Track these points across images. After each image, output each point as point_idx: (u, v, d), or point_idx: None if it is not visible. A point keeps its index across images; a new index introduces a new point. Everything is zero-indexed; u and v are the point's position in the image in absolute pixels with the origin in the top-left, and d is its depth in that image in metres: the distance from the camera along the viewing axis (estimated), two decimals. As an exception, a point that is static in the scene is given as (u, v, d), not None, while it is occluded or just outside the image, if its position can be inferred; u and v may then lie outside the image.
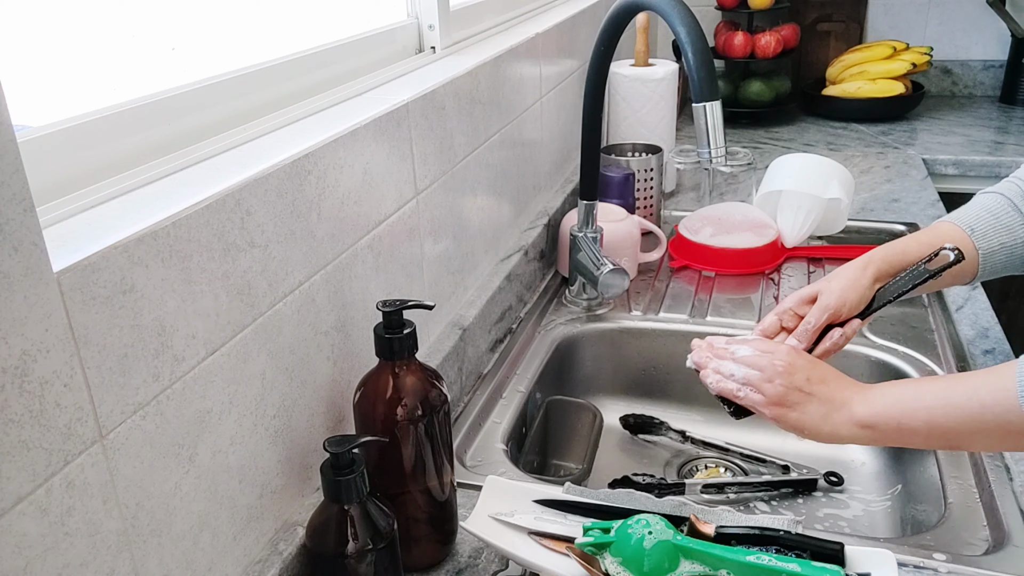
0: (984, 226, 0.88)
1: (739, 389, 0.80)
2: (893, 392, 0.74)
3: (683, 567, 0.65)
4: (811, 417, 0.76)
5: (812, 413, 0.76)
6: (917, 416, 0.70)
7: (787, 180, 1.37)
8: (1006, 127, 2.00)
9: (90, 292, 0.48)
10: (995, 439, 0.68)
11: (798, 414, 0.76)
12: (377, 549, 0.63)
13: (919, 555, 0.75)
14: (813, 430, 0.76)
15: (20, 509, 0.45)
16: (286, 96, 0.79)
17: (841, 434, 0.75)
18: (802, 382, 0.76)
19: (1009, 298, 1.72)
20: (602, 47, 1.07)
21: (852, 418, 0.74)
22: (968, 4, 2.19)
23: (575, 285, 1.25)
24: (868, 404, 0.73)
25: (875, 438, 0.74)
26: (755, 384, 0.79)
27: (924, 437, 0.71)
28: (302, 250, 0.69)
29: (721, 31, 2.15)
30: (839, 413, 0.75)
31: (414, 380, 0.70)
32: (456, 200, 0.99)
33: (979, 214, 0.88)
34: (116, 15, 0.65)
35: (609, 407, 1.19)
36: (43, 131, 0.54)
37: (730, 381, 0.81)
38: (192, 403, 0.57)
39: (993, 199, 0.89)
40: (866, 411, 0.73)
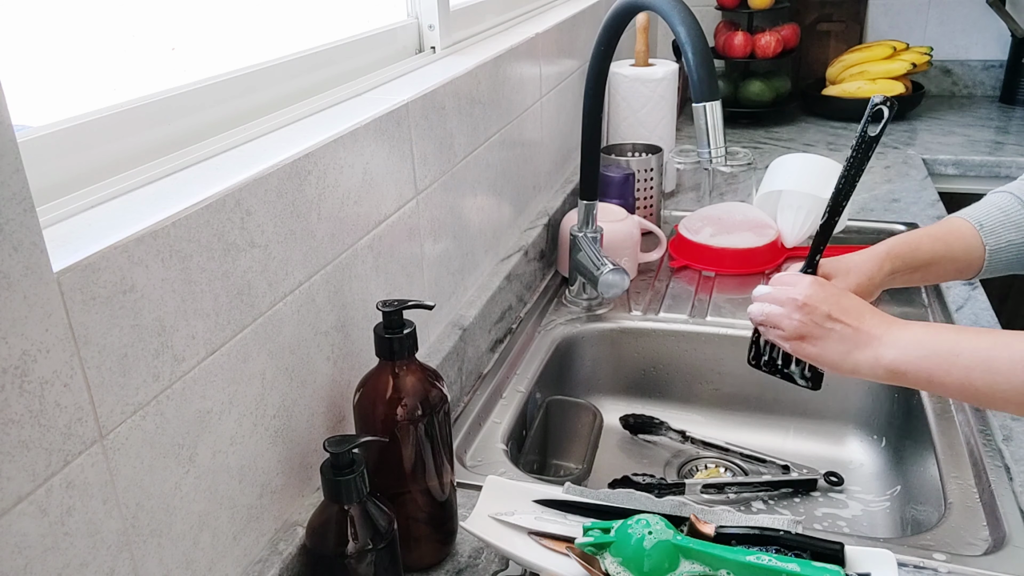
0: (993, 222, 0.87)
1: (763, 327, 0.80)
2: (927, 340, 0.70)
3: (683, 567, 0.65)
4: (831, 352, 0.74)
5: (832, 348, 0.74)
6: (952, 373, 0.68)
7: (787, 180, 1.37)
8: (1006, 127, 2.00)
9: (90, 292, 0.48)
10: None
11: (818, 348, 0.75)
12: (377, 549, 0.63)
13: (919, 555, 0.75)
14: (832, 365, 0.75)
15: (20, 509, 0.45)
16: (286, 96, 0.79)
17: (863, 372, 0.73)
18: (822, 316, 0.74)
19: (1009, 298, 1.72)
20: (602, 47, 1.07)
21: (878, 359, 0.71)
22: (968, 4, 2.19)
23: (575, 285, 1.25)
24: (898, 348, 0.71)
25: (899, 381, 0.72)
26: (775, 319, 0.78)
27: (954, 392, 0.69)
28: (302, 250, 0.69)
29: (721, 31, 2.15)
30: (862, 351, 0.72)
31: (414, 380, 0.70)
32: (456, 200, 0.99)
33: (989, 211, 0.88)
34: (116, 15, 0.65)
35: (609, 407, 1.19)
36: (43, 131, 0.54)
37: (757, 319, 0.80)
38: (192, 403, 0.57)
39: (1003, 197, 0.89)
40: (895, 355, 0.71)
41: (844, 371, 0.74)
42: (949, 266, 0.87)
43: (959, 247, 0.87)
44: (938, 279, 0.89)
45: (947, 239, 0.87)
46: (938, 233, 0.88)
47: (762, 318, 0.80)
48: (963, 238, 0.87)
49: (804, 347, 0.76)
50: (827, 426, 1.13)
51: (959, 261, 0.87)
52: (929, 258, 0.86)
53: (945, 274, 0.88)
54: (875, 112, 0.78)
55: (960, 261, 0.87)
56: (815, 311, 0.75)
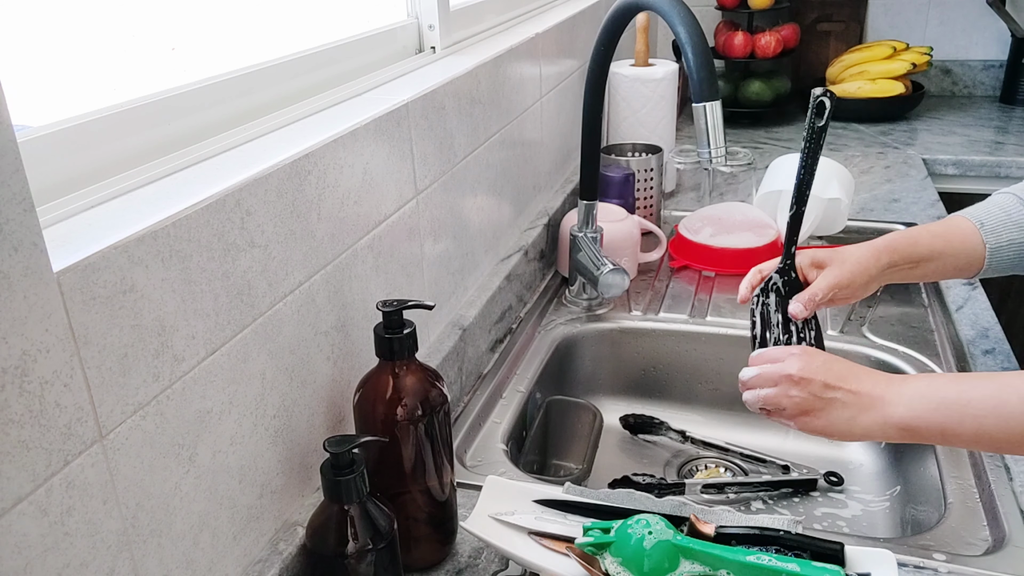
0: (994, 222, 0.87)
1: (763, 412, 0.78)
2: (933, 392, 0.69)
3: (683, 567, 0.65)
4: (837, 422, 0.72)
5: (838, 417, 0.72)
6: (964, 424, 0.66)
7: (787, 180, 1.37)
8: (1006, 127, 2.00)
9: (90, 292, 0.48)
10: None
11: (823, 421, 0.73)
12: (377, 549, 0.63)
13: (919, 555, 0.75)
14: (842, 435, 0.73)
15: (20, 509, 0.45)
16: (286, 96, 0.79)
17: (873, 435, 0.72)
18: (820, 387, 0.73)
19: (1009, 298, 1.72)
20: (602, 47, 1.07)
21: (887, 420, 0.70)
22: (968, 4, 2.19)
23: (575, 285, 1.25)
24: (904, 405, 0.69)
25: (913, 439, 0.70)
26: (774, 402, 0.76)
27: (968, 443, 0.68)
28: (302, 250, 0.69)
29: (721, 31, 2.15)
30: (869, 414, 0.71)
31: (414, 380, 0.70)
32: (456, 200, 0.99)
33: (991, 210, 0.88)
34: (116, 15, 0.65)
35: (609, 407, 1.19)
36: (43, 131, 0.54)
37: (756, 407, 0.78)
38: (192, 403, 0.57)
39: (1006, 198, 0.89)
40: (903, 412, 0.69)
41: (855, 437, 0.73)
42: (949, 263, 0.87)
43: (959, 244, 0.87)
44: (938, 276, 0.89)
45: (947, 236, 0.87)
46: (938, 230, 0.88)
47: (760, 404, 0.77)
48: (963, 236, 0.87)
49: (811, 422, 0.74)
50: (827, 426, 1.13)
51: (959, 258, 0.87)
52: (928, 253, 0.86)
53: (945, 271, 0.88)
54: (818, 104, 0.82)
55: (960, 258, 0.87)
56: (811, 383, 0.73)
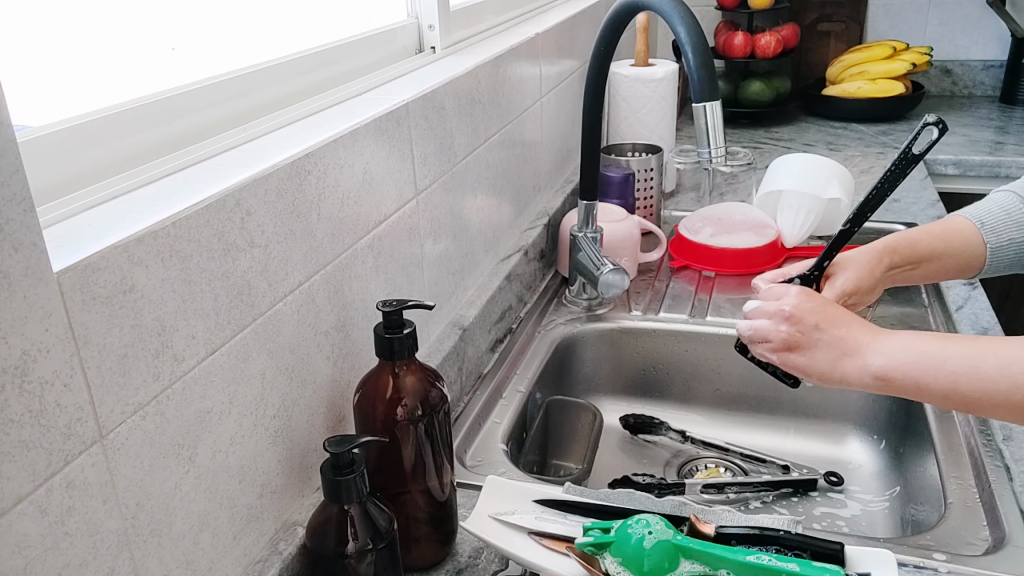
0: (994, 220, 0.87)
1: (752, 343, 0.80)
2: (914, 347, 0.70)
3: (683, 567, 0.65)
4: (819, 362, 0.74)
5: (820, 358, 0.74)
6: (939, 380, 0.68)
7: (787, 180, 1.37)
8: (1006, 127, 2.00)
9: (90, 292, 0.48)
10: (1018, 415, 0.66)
11: (806, 359, 0.75)
12: (377, 549, 0.63)
13: (919, 555, 0.75)
14: (820, 375, 0.74)
15: (20, 509, 0.45)
16: (286, 96, 0.79)
17: (851, 381, 0.73)
18: (809, 326, 0.74)
19: (1009, 298, 1.72)
20: (602, 47, 1.07)
21: (866, 367, 0.71)
22: (968, 4, 2.19)
23: (575, 285, 1.25)
24: (886, 355, 0.71)
25: (887, 389, 0.72)
26: (763, 332, 0.77)
27: (940, 399, 0.69)
28: (302, 250, 0.69)
29: (721, 31, 2.15)
30: (851, 359, 0.72)
31: (414, 380, 0.70)
32: (456, 200, 0.99)
33: (991, 209, 0.88)
34: (116, 15, 0.65)
35: (609, 407, 1.19)
36: (43, 131, 0.54)
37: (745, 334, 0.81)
38: (192, 403, 0.57)
39: (1006, 196, 0.89)
40: (883, 362, 0.70)
41: (833, 381, 0.74)
42: (950, 263, 0.87)
43: (959, 244, 0.86)
44: (940, 277, 0.89)
45: (946, 236, 0.86)
46: (937, 230, 0.88)
47: (750, 333, 0.80)
48: (963, 235, 0.86)
49: (792, 358, 0.76)
50: (827, 426, 1.13)
51: (959, 258, 0.87)
52: (928, 253, 0.86)
53: (946, 272, 0.88)
54: (925, 130, 0.78)
55: (961, 258, 0.86)
56: (802, 321, 0.75)
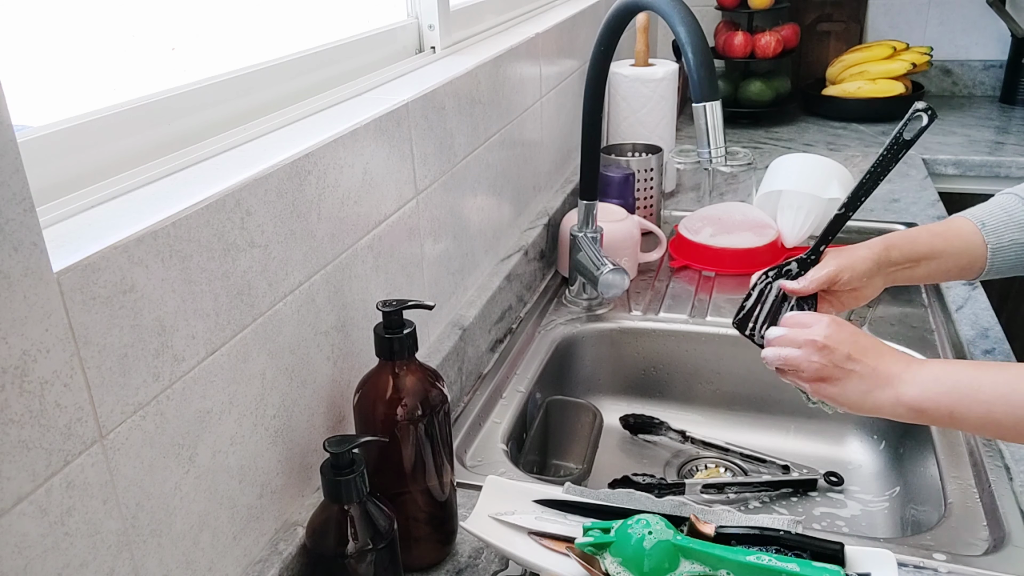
0: (996, 222, 0.87)
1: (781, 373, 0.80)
2: (947, 376, 0.70)
3: (683, 567, 0.65)
4: (851, 393, 0.74)
5: (853, 388, 0.74)
6: (973, 409, 0.68)
7: (787, 180, 1.37)
8: (1006, 127, 2.00)
9: (90, 292, 0.48)
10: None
11: (838, 389, 0.75)
12: (377, 549, 0.63)
13: (919, 555, 0.75)
14: (852, 405, 0.75)
15: (20, 509, 0.45)
16: (286, 96, 0.79)
17: (883, 411, 0.73)
18: (842, 358, 0.74)
19: (1009, 298, 1.72)
20: (602, 47, 1.07)
21: (899, 398, 0.71)
22: (968, 4, 2.19)
23: (575, 285, 1.25)
24: (918, 386, 0.71)
25: (922, 420, 0.72)
26: (794, 362, 0.77)
27: (976, 427, 0.69)
28: (302, 250, 0.69)
29: (721, 31, 2.15)
30: (883, 391, 0.72)
31: (414, 380, 0.70)
32: (456, 200, 0.99)
33: (992, 211, 0.88)
34: (116, 15, 0.65)
35: (609, 407, 1.19)
36: (43, 131, 0.54)
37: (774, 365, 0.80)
38: (192, 403, 0.57)
39: (1009, 198, 0.89)
40: (916, 393, 0.70)
41: (865, 411, 0.74)
42: (950, 262, 0.87)
43: (960, 244, 0.86)
44: (940, 277, 0.89)
45: (947, 235, 0.86)
46: (939, 229, 0.88)
47: (780, 363, 0.79)
48: (965, 236, 0.86)
49: (825, 388, 0.76)
50: (827, 426, 1.13)
51: (960, 258, 0.86)
52: (928, 251, 0.86)
53: (947, 271, 0.88)
54: (915, 118, 0.79)
55: (962, 258, 0.86)
56: (835, 352, 0.74)
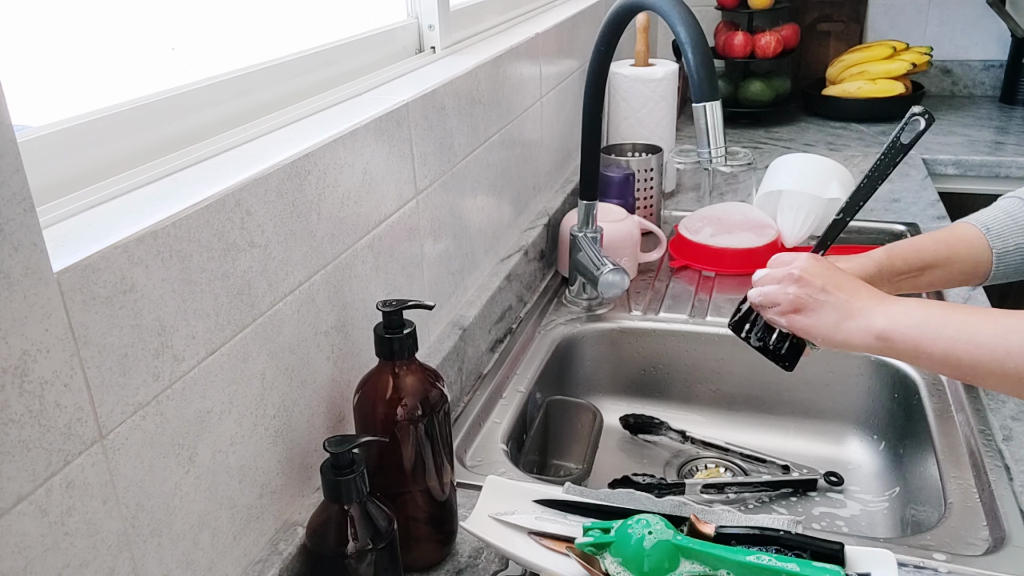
0: (1000, 226, 0.87)
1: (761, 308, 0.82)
2: (917, 311, 0.72)
3: (683, 567, 0.65)
4: (824, 323, 0.76)
5: (825, 319, 0.76)
6: (937, 344, 0.69)
7: (787, 180, 1.37)
8: (1006, 127, 2.00)
9: (90, 292, 0.48)
10: (1010, 384, 0.67)
11: (812, 320, 0.77)
12: (377, 549, 0.63)
13: (919, 555, 0.75)
14: (825, 336, 0.76)
15: (20, 509, 0.45)
16: (286, 96, 0.79)
17: (854, 342, 0.74)
18: (817, 288, 0.76)
19: (1009, 298, 1.72)
20: (602, 47, 1.07)
21: (869, 327, 0.73)
22: (968, 4, 2.19)
23: (575, 285, 1.25)
24: (888, 317, 0.72)
25: (887, 351, 0.73)
26: (772, 296, 0.79)
27: (938, 364, 0.71)
28: (302, 250, 0.69)
29: (721, 31, 2.15)
30: (854, 320, 0.74)
31: (414, 380, 0.70)
32: (456, 200, 0.99)
33: (996, 215, 0.88)
34: (116, 15, 0.65)
35: (609, 407, 1.19)
36: (43, 131, 0.54)
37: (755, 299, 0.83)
38: (192, 403, 0.57)
39: (1012, 202, 0.89)
40: (885, 323, 0.72)
41: (836, 342, 0.76)
42: (955, 268, 0.87)
43: (965, 250, 0.86)
44: (946, 284, 0.89)
45: (951, 241, 0.87)
46: (942, 236, 0.88)
47: (760, 299, 0.82)
48: (968, 241, 0.86)
49: (798, 319, 0.78)
50: (827, 426, 1.13)
51: (965, 263, 0.86)
52: (932, 259, 0.86)
53: (952, 278, 0.88)
54: (912, 122, 0.80)
55: (966, 263, 0.86)
56: (810, 284, 0.77)
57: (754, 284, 0.84)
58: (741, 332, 0.87)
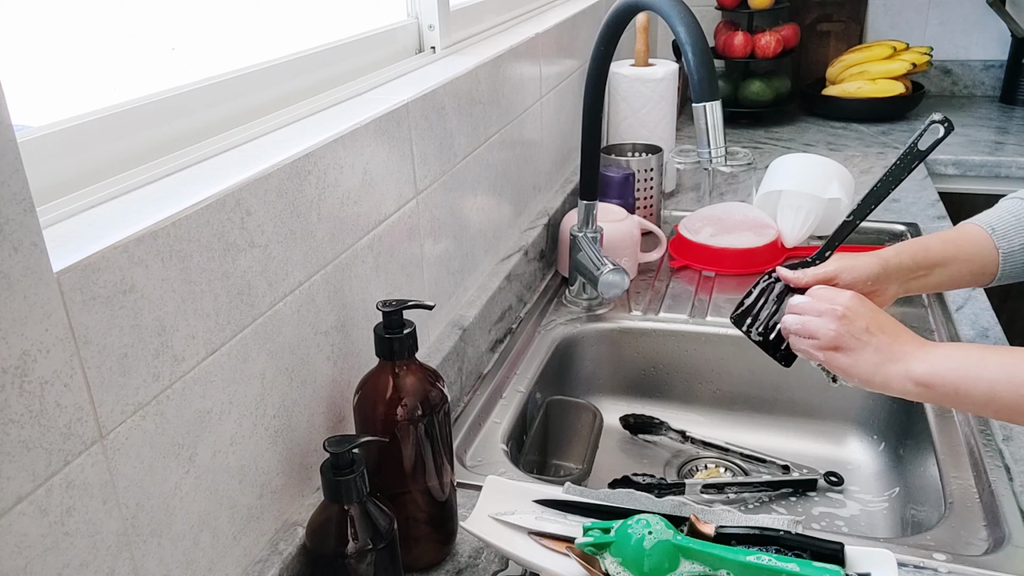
0: (1005, 227, 0.87)
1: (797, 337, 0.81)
2: (956, 354, 0.72)
3: (683, 567, 0.65)
4: (864, 364, 0.75)
5: (865, 360, 0.75)
6: (978, 386, 0.69)
7: (787, 180, 1.37)
8: (1006, 127, 2.00)
9: (90, 292, 0.48)
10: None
11: (851, 360, 0.76)
12: (377, 549, 0.63)
13: (919, 555, 0.75)
14: (863, 378, 0.76)
15: (20, 509, 0.45)
16: (286, 96, 0.79)
17: (892, 387, 0.74)
18: (860, 329, 0.75)
19: (1009, 298, 1.72)
20: (602, 47, 1.07)
21: (908, 373, 0.73)
22: (968, 4, 2.19)
23: (575, 285, 1.25)
24: (928, 363, 0.72)
25: (926, 396, 0.73)
26: (812, 328, 0.78)
27: (979, 406, 0.71)
28: (302, 250, 0.69)
29: (721, 31, 2.15)
30: (894, 365, 0.74)
31: (414, 380, 0.70)
32: (456, 200, 0.99)
33: (1000, 215, 0.88)
34: (116, 15, 0.65)
35: (609, 407, 1.19)
36: (43, 131, 0.54)
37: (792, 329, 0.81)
38: (192, 403, 0.57)
39: (1016, 203, 0.89)
40: (925, 369, 0.72)
41: (875, 384, 0.75)
42: (963, 268, 0.87)
43: (972, 249, 0.87)
44: (954, 284, 0.89)
45: (958, 241, 0.87)
46: (949, 236, 0.88)
47: (798, 327, 0.80)
48: (975, 241, 0.86)
49: (837, 357, 0.77)
50: (827, 426, 1.13)
51: (972, 263, 0.87)
52: (940, 258, 0.86)
53: (960, 278, 0.88)
54: (931, 129, 0.80)
55: (974, 263, 0.87)
56: (853, 323, 0.76)
57: (791, 309, 0.83)
58: (743, 326, 0.87)
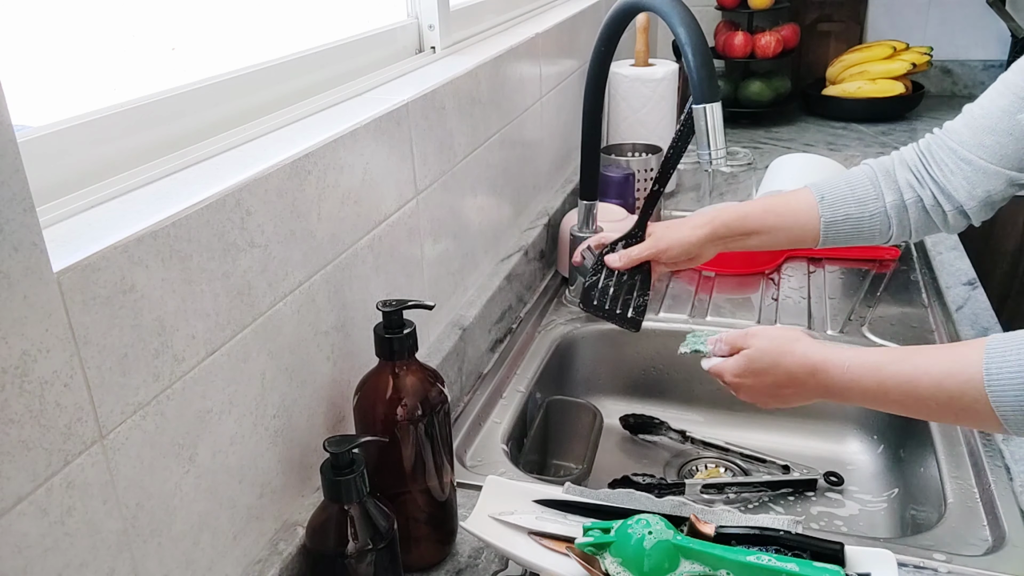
0: (835, 196, 0.93)
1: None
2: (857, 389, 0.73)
3: (683, 567, 0.65)
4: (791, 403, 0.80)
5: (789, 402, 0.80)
6: (889, 407, 0.73)
7: (787, 180, 1.37)
8: (1006, 127, 2.00)
9: (90, 292, 0.48)
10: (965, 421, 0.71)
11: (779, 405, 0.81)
12: (377, 549, 0.63)
13: (919, 555, 0.75)
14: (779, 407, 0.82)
15: (20, 509, 0.45)
16: (286, 96, 0.79)
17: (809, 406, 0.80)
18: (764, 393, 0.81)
19: (1009, 298, 1.72)
20: (602, 47, 1.07)
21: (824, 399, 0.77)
22: (968, 4, 2.19)
23: (575, 285, 1.25)
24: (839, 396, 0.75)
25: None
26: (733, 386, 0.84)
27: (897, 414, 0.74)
28: (302, 250, 0.69)
29: (721, 31, 2.15)
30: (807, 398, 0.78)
31: (414, 380, 0.70)
32: (456, 200, 0.99)
33: (838, 184, 0.94)
34: (116, 15, 0.65)
35: (609, 407, 1.19)
36: (43, 131, 0.54)
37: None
38: (192, 403, 0.57)
39: (862, 170, 0.95)
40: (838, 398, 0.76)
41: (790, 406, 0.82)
42: (781, 236, 0.95)
43: (791, 219, 0.94)
44: (773, 246, 0.98)
45: (780, 210, 0.94)
46: (772, 204, 0.96)
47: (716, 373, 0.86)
48: (799, 210, 0.94)
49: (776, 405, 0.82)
50: (827, 426, 1.13)
51: (791, 231, 0.95)
52: (758, 227, 0.94)
53: (779, 243, 0.96)
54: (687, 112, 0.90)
55: (792, 232, 0.94)
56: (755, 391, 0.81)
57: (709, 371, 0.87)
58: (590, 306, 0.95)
